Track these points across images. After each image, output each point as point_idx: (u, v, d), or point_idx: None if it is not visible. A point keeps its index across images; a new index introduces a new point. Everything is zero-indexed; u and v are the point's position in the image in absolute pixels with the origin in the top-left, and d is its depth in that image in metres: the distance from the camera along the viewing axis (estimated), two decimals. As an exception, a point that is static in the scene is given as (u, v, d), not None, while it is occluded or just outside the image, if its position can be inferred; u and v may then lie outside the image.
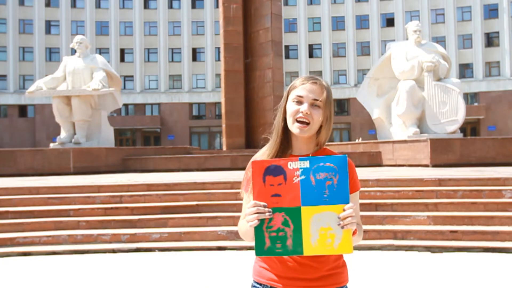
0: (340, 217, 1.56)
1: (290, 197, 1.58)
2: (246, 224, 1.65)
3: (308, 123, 1.72)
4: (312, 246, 1.57)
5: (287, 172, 1.59)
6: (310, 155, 1.77)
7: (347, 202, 1.57)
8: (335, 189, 1.57)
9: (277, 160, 1.62)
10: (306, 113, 1.71)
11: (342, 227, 1.56)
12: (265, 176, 1.60)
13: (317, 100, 1.73)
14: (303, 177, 1.58)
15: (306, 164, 1.58)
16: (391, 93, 14.81)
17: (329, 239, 1.57)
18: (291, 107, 1.75)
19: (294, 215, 1.58)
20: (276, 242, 1.59)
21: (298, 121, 1.73)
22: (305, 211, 1.58)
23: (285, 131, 1.79)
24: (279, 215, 1.59)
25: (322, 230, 1.57)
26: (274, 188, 1.59)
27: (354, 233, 1.64)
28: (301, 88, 1.75)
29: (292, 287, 1.69)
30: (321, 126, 1.76)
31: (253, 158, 1.85)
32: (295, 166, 1.59)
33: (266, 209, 1.58)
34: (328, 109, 1.75)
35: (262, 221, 1.59)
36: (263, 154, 1.83)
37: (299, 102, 1.74)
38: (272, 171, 1.59)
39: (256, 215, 1.58)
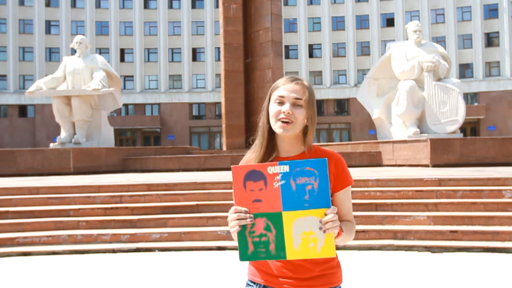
0: (321, 221, 1.55)
1: (271, 202, 1.58)
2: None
3: (291, 122, 1.71)
4: (295, 250, 1.58)
5: (267, 177, 1.57)
6: (302, 154, 1.76)
7: (329, 206, 1.56)
8: (316, 193, 1.56)
9: (256, 165, 1.60)
10: (288, 113, 1.70)
11: (324, 231, 1.55)
12: (245, 181, 1.58)
13: (299, 99, 1.72)
14: (283, 182, 1.57)
15: (286, 168, 1.57)
16: (391, 93, 14.81)
17: (312, 243, 1.56)
18: (273, 108, 1.74)
19: (276, 220, 1.58)
20: (259, 246, 1.59)
21: (280, 121, 1.71)
22: (287, 216, 1.57)
23: (271, 132, 1.78)
24: (261, 220, 1.58)
25: (304, 234, 1.56)
26: (255, 194, 1.58)
27: (339, 234, 1.63)
28: (282, 88, 1.74)
29: (285, 285, 1.70)
30: (307, 127, 1.75)
31: (241, 161, 1.85)
32: (274, 170, 1.57)
33: (248, 214, 1.58)
34: (311, 109, 1.74)
35: (244, 226, 1.59)
36: (249, 157, 1.82)
37: (281, 103, 1.73)
38: (252, 176, 1.58)
39: (237, 221, 1.58)
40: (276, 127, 1.72)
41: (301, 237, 1.57)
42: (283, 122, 1.71)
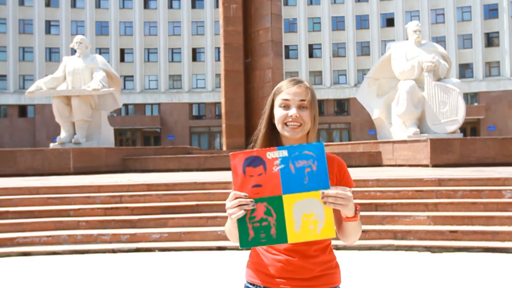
0: (323, 192, 1.56)
1: (271, 186, 1.60)
2: (230, 220, 1.64)
3: (300, 125, 1.74)
4: (295, 233, 1.59)
5: (266, 162, 1.60)
6: None
7: (327, 187, 1.58)
8: (315, 175, 1.59)
9: (255, 151, 1.62)
10: (296, 116, 1.73)
11: (325, 203, 1.56)
12: (244, 167, 1.60)
13: (303, 101, 1.75)
14: (282, 166, 1.60)
15: (285, 153, 1.60)
16: (391, 93, 14.80)
17: (312, 225, 1.59)
18: (279, 112, 1.77)
19: (276, 204, 1.60)
20: (259, 232, 1.60)
21: (288, 125, 1.75)
22: (287, 199, 1.59)
23: (272, 136, 1.81)
24: (261, 205, 1.60)
25: (305, 216, 1.59)
26: (255, 179, 1.60)
27: (356, 215, 1.62)
28: (286, 92, 1.77)
29: (284, 286, 1.70)
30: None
31: None
32: (273, 155, 1.60)
33: (249, 199, 1.58)
34: (314, 109, 1.78)
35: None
36: None
37: (286, 107, 1.76)
38: (252, 162, 1.60)
39: (239, 207, 1.57)
40: (285, 131, 1.76)
41: (301, 219, 1.59)
42: (292, 125, 1.74)
